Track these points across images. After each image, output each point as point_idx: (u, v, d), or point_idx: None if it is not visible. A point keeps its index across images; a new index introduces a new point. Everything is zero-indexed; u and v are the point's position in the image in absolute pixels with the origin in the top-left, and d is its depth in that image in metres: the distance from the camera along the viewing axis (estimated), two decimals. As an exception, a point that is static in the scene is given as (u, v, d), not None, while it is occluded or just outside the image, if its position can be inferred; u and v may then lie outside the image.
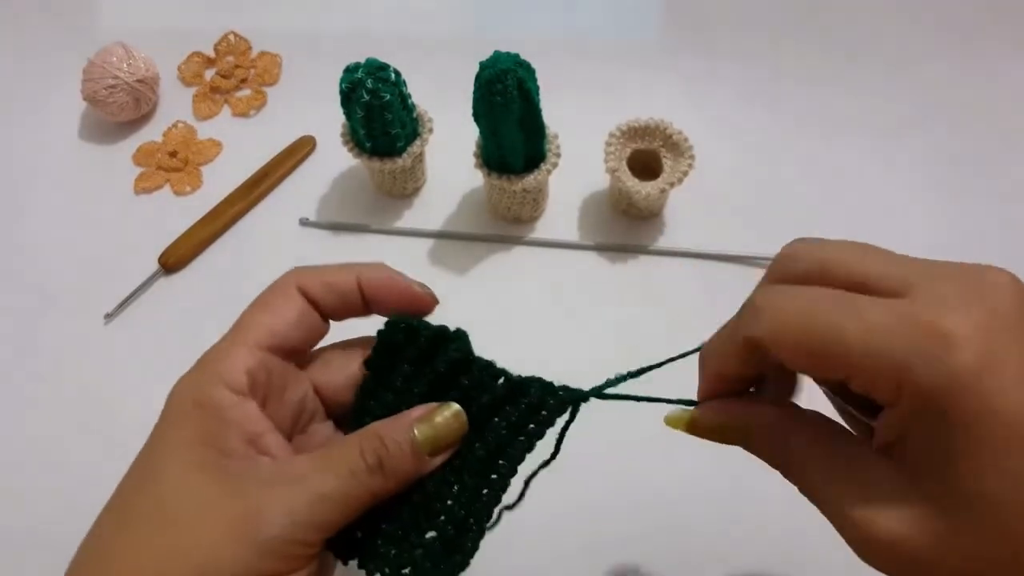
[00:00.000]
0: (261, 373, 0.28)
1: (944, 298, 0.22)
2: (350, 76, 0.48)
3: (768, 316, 0.24)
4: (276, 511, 0.25)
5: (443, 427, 0.28)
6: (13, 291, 0.55)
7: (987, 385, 0.20)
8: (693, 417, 0.28)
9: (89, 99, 0.59)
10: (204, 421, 0.26)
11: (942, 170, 0.58)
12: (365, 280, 0.30)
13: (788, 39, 0.65)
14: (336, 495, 0.26)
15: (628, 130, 0.53)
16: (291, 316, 0.29)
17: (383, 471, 0.26)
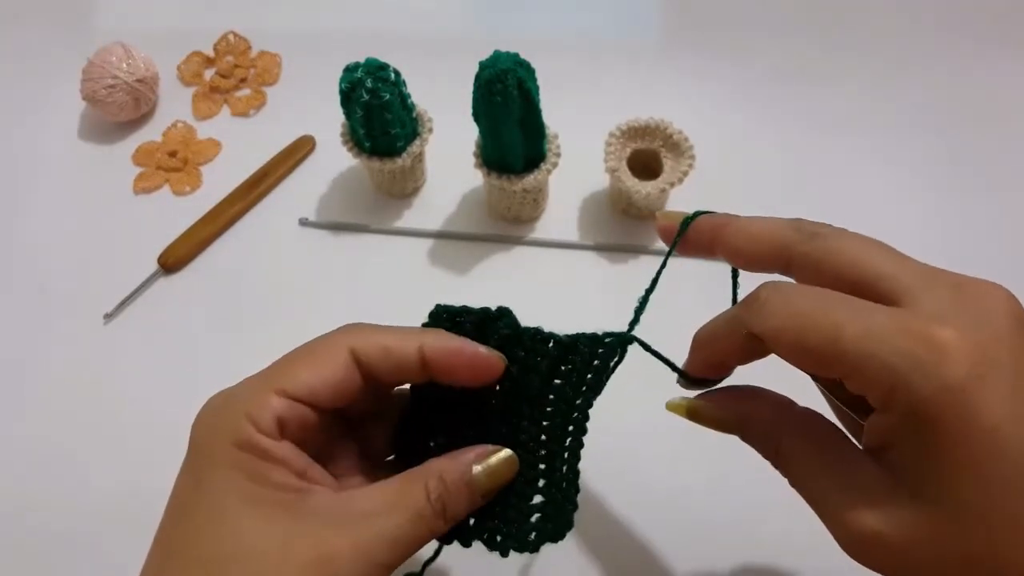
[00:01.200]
0: (292, 421, 0.27)
1: (941, 310, 0.23)
2: (350, 76, 0.48)
3: (770, 312, 0.25)
4: (349, 555, 0.25)
5: (497, 470, 0.29)
6: (12, 291, 0.55)
7: (974, 398, 0.21)
8: (693, 405, 0.29)
9: (88, 99, 0.59)
10: (249, 461, 0.26)
11: (943, 170, 0.58)
12: (429, 349, 0.28)
13: (788, 39, 0.65)
14: (408, 539, 0.26)
15: (628, 130, 0.53)
16: (333, 378, 0.27)
17: (445, 515, 0.27)
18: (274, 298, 0.54)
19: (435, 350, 0.28)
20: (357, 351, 0.28)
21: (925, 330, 0.22)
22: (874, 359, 0.22)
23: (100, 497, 0.48)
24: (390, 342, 0.28)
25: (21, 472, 0.49)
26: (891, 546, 0.22)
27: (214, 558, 0.24)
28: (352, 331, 0.29)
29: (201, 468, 0.27)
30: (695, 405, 0.29)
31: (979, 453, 0.21)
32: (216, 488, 0.26)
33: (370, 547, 0.25)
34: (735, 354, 0.28)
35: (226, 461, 0.26)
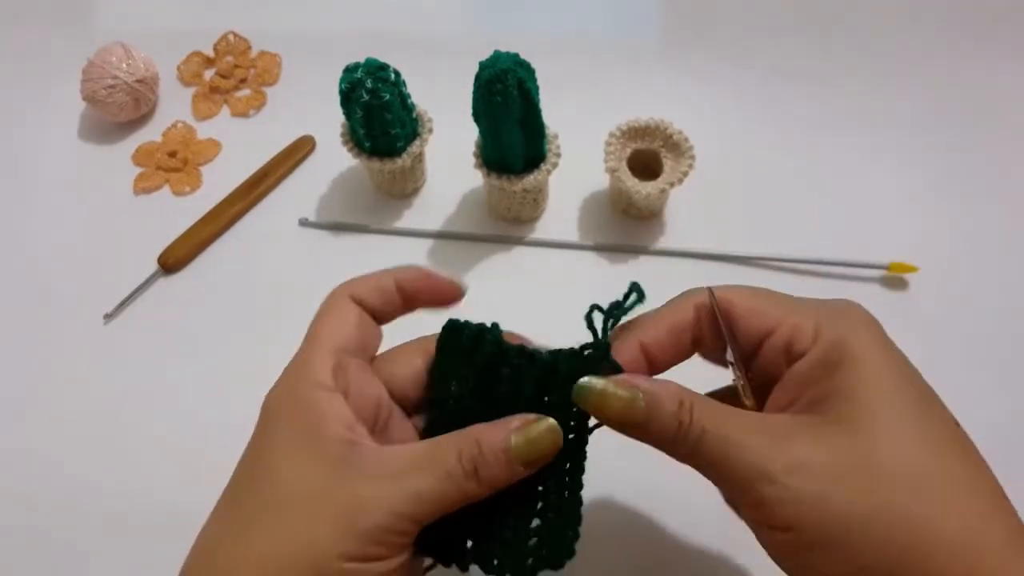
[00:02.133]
0: (340, 373, 0.30)
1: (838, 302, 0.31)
2: (350, 76, 0.48)
3: (721, 289, 0.32)
4: (377, 505, 0.27)
5: (538, 439, 0.29)
6: (13, 291, 0.55)
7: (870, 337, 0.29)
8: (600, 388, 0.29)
9: (88, 99, 0.59)
10: (305, 416, 0.29)
11: (943, 170, 0.58)
12: (400, 280, 0.33)
13: (789, 39, 0.65)
14: (433, 495, 0.27)
15: (628, 130, 0.53)
16: (351, 321, 0.32)
17: (477, 477, 0.28)
18: (274, 298, 0.54)
19: (405, 279, 0.33)
20: (356, 295, 0.32)
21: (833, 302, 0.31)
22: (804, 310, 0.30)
23: (100, 497, 0.48)
24: (374, 282, 0.33)
25: (21, 472, 0.49)
26: (817, 465, 0.26)
27: (265, 505, 0.27)
28: (346, 283, 0.33)
29: (263, 424, 0.30)
30: (602, 387, 0.29)
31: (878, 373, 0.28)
32: (274, 445, 0.29)
33: (397, 500, 0.27)
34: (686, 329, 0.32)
35: (284, 421, 0.29)
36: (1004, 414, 0.48)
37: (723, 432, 0.27)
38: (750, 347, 0.31)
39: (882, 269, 0.53)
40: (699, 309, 0.32)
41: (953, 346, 0.51)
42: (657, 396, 0.28)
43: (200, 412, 0.50)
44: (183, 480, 0.47)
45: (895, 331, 0.30)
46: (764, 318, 0.31)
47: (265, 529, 0.27)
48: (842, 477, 0.26)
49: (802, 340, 0.29)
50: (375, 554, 0.27)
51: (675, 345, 0.32)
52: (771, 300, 0.31)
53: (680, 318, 0.32)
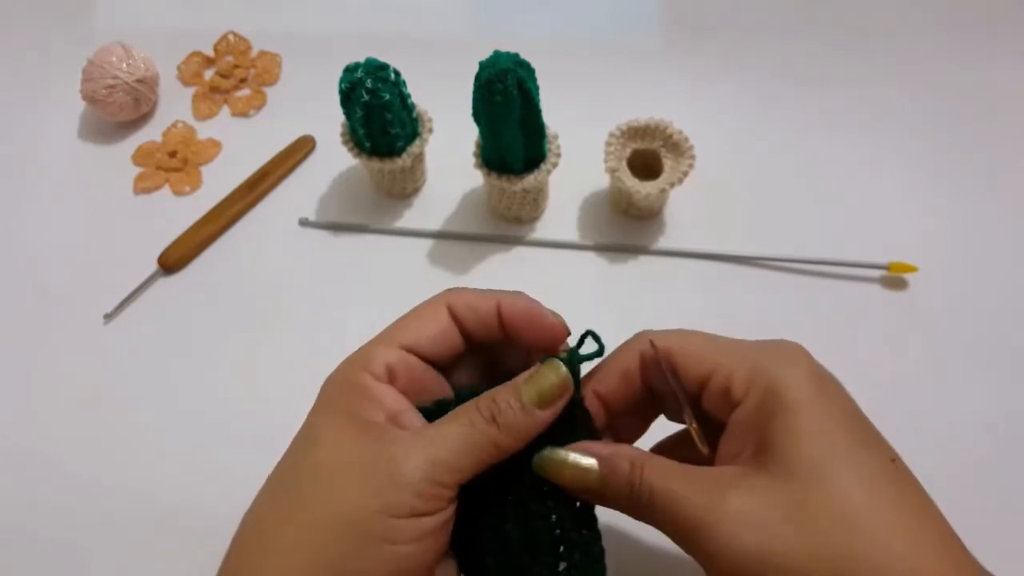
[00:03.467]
0: (401, 368, 0.31)
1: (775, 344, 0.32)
2: (349, 76, 0.48)
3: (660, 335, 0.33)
4: (415, 458, 0.28)
5: (545, 381, 0.30)
6: (12, 291, 0.55)
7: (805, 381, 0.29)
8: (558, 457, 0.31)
9: (88, 99, 0.59)
10: (352, 398, 0.30)
11: (943, 170, 0.58)
12: (504, 306, 0.33)
13: (789, 39, 0.65)
14: (461, 441, 0.29)
15: (628, 130, 0.53)
16: (435, 327, 0.32)
17: (497, 424, 0.29)
18: (274, 298, 0.54)
19: (509, 306, 0.33)
20: (452, 306, 0.33)
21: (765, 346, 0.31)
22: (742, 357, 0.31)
23: (100, 497, 0.48)
24: (475, 299, 0.33)
25: (21, 472, 0.49)
26: (753, 519, 0.27)
27: (308, 479, 0.29)
28: (449, 291, 0.34)
29: (314, 411, 0.31)
30: (561, 457, 0.31)
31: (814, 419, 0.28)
32: (321, 423, 0.30)
33: (432, 451, 0.28)
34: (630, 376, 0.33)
35: (332, 401, 0.31)
36: (1004, 414, 0.48)
37: (668, 487, 0.29)
38: (694, 392, 0.32)
39: (882, 269, 0.53)
40: (644, 355, 0.33)
41: (953, 346, 0.51)
42: (611, 460, 0.30)
43: (200, 412, 0.50)
44: (183, 480, 0.48)
45: (895, 331, 0.30)
46: (701, 364, 0.31)
47: (308, 496, 0.28)
48: (779, 525, 0.27)
49: (737, 387, 0.30)
50: (417, 507, 0.28)
51: (627, 391, 0.34)
52: (706, 345, 0.32)
53: (627, 365, 0.33)
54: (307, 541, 0.27)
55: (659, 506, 0.29)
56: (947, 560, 0.26)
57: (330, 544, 0.27)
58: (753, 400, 0.30)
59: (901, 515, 0.27)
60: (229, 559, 0.29)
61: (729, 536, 0.27)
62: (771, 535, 0.26)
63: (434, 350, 0.32)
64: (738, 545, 0.27)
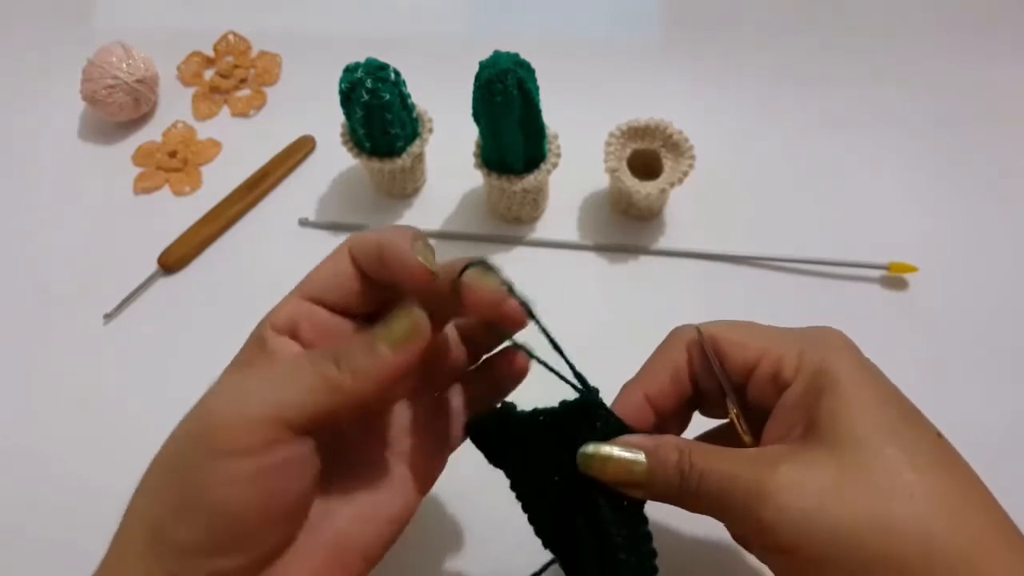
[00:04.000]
0: (304, 320, 0.31)
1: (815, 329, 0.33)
2: (349, 76, 0.48)
3: (704, 326, 0.33)
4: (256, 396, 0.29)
5: (397, 324, 0.30)
6: (12, 291, 0.55)
7: (850, 361, 0.30)
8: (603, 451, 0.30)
9: (88, 99, 0.59)
10: (250, 350, 0.32)
11: (943, 170, 0.58)
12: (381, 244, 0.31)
13: (789, 39, 0.65)
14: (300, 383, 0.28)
15: (628, 130, 0.53)
16: (333, 272, 0.32)
17: (338, 364, 0.28)
18: (274, 298, 0.53)
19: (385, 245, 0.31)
20: (353, 249, 0.32)
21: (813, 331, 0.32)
22: (787, 343, 0.31)
23: (100, 497, 0.47)
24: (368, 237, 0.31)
25: (21, 472, 0.49)
26: (807, 489, 0.27)
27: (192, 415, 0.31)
28: (352, 236, 0.33)
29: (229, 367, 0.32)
30: (606, 452, 0.30)
31: (862, 398, 0.29)
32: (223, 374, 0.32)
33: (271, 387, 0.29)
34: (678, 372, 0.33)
35: (247, 349, 0.32)
36: (1004, 413, 0.48)
37: (719, 467, 0.29)
38: (739, 381, 0.32)
39: (882, 269, 0.53)
40: (690, 348, 0.33)
41: (953, 346, 0.51)
42: (658, 451, 0.30)
43: (200, 412, 0.50)
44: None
45: (895, 331, 0.30)
46: (749, 350, 0.32)
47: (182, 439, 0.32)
48: (832, 494, 0.27)
49: (787, 369, 0.31)
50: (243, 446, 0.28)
51: (676, 389, 0.33)
52: (753, 333, 0.33)
53: (676, 361, 0.33)
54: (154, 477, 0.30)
55: (711, 488, 0.28)
56: (992, 530, 0.27)
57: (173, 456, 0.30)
58: (803, 381, 0.30)
59: (948, 488, 0.27)
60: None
61: (782, 506, 0.27)
62: (824, 503, 0.26)
63: (336, 296, 0.32)
64: (791, 515, 0.27)
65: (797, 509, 0.27)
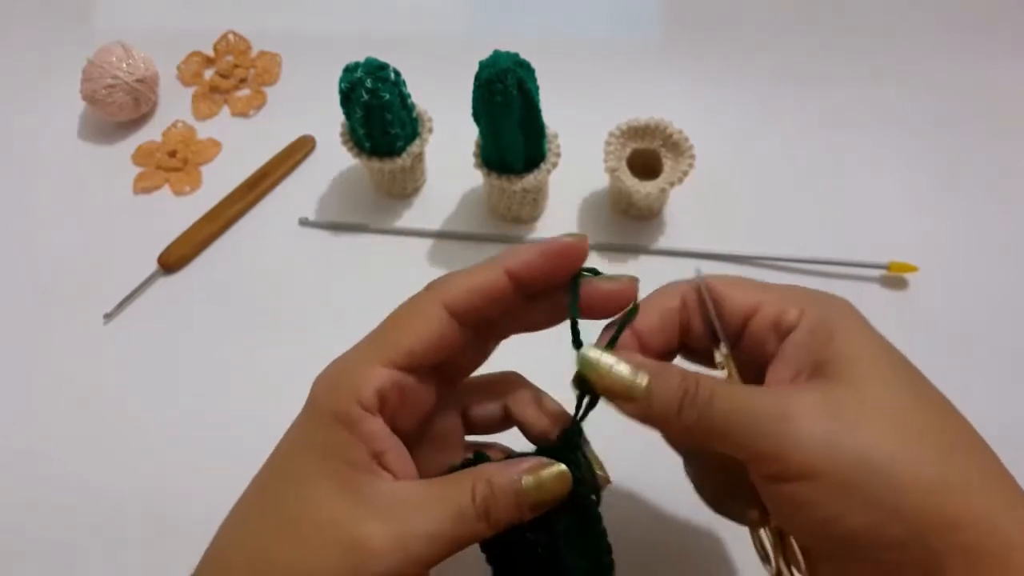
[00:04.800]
0: (393, 392, 0.29)
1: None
2: (349, 76, 0.48)
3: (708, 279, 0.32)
4: (387, 546, 0.26)
5: (548, 482, 0.29)
6: (12, 291, 0.55)
7: (855, 317, 0.30)
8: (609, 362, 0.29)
9: (88, 99, 0.59)
10: (337, 433, 0.28)
11: (943, 170, 0.58)
12: (512, 266, 0.30)
13: (788, 39, 0.65)
14: (443, 536, 0.27)
15: (628, 130, 0.53)
16: (433, 336, 0.30)
17: (488, 518, 0.28)
18: (274, 298, 0.54)
19: (520, 263, 0.30)
20: (449, 304, 0.30)
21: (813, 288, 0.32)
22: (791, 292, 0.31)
23: (100, 497, 0.48)
24: (476, 282, 0.30)
25: (21, 472, 0.49)
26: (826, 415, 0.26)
27: (280, 518, 0.28)
28: (440, 286, 0.31)
29: (301, 431, 0.30)
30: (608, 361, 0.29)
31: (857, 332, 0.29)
32: (304, 452, 0.29)
33: (407, 539, 0.27)
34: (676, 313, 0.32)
35: (320, 428, 0.29)
36: (1004, 414, 0.48)
37: (732, 392, 0.28)
38: (734, 329, 0.31)
39: (882, 269, 0.53)
40: (684, 294, 0.32)
41: (953, 346, 0.51)
42: (663, 370, 0.29)
43: (200, 411, 0.50)
44: (183, 480, 0.48)
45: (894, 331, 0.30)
46: (749, 297, 0.31)
47: (281, 546, 0.27)
48: (859, 423, 0.26)
49: (789, 316, 0.30)
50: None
51: (664, 332, 0.32)
52: (754, 284, 0.32)
53: (667, 305, 0.32)
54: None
55: (720, 409, 0.27)
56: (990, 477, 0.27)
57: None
58: (808, 324, 0.29)
59: (964, 438, 0.27)
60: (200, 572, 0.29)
61: (809, 429, 0.26)
62: (851, 429, 0.26)
63: (431, 358, 0.30)
64: (818, 438, 0.26)
65: (824, 432, 0.26)
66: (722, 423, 0.27)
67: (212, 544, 0.29)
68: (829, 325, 0.29)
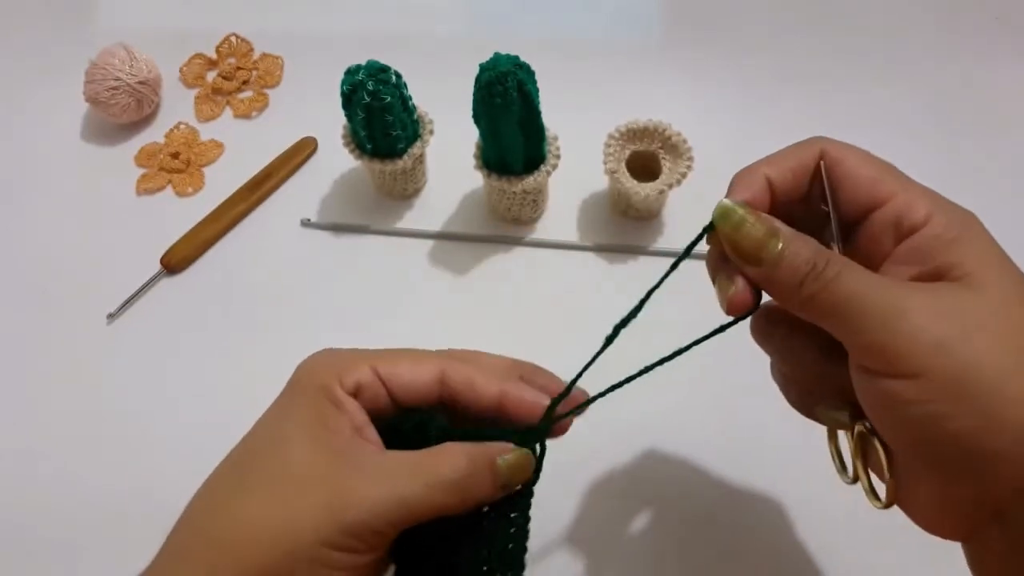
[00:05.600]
0: (368, 392, 0.31)
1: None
2: (351, 78, 0.48)
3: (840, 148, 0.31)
4: (363, 502, 0.28)
5: (517, 464, 0.30)
6: (16, 291, 0.56)
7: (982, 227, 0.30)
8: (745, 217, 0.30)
9: (91, 101, 0.60)
10: (323, 403, 0.30)
11: (943, 170, 0.58)
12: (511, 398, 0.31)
13: (788, 39, 0.65)
14: (416, 502, 0.28)
15: (627, 132, 0.53)
16: (420, 384, 0.31)
17: (463, 492, 0.29)
18: (276, 298, 0.55)
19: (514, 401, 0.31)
20: (448, 377, 0.32)
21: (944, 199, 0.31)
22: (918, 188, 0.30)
23: (101, 497, 0.48)
24: (477, 380, 0.32)
25: (22, 472, 0.49)
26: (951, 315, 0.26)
27: (275, 477, 0.29)
28: (446, 358, 0.32)
29: (283, 402, 0.31)
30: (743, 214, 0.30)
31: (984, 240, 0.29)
32: (289, 419, 0.30)
33: (380, 501, 0.28)
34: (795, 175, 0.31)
35: (303, 400, 0.30)
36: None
37: (857, 277, 0.27)
38: (856, 214, 0.31)
39: (881, 269, 0.53)
40: (823, 156, 0.31)
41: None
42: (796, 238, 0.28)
43: (202, 412, 0.50)
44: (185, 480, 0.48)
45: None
46: (879, 186, 0.30)
47: (263, 499, 0.28)
48: (970, 328, 0.25)
49: (914, 217, 0.29)
50: (350, 546, 0.28)
51: (795, 186, 0.31)
52: (887, 171, 0.31)
53: (803, 159, 0.31)
54: (252, 547, 0.27)
55: (842, 291, 0.27)
56: None
57: (276, 557, 0.27)
58: (934, 227, 0.28)
59: None
60: (173, 537, 0.30)
61: (922, 326, 0.25)
62: (967, 335, 0.25)
63: (404, 398, 0.32)
64: (930, 336, 0.25)
65: (940, 333, 0.25)
66: (841, 306, 0.27)
67: (188, 508, 0.30)
68: (955, 231, 0.28)
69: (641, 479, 0.47)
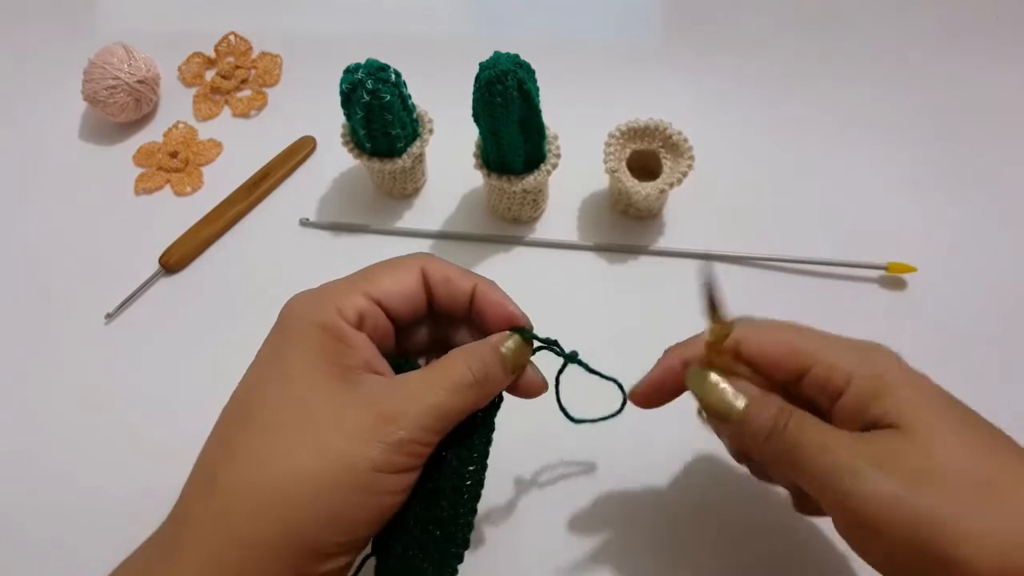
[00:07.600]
0: (369, 318, 0.32)
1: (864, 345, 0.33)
2: (350, 77, 0.48)
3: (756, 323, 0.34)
4: (404, 420, 0.29)
5: (517, 348, 0.33)
6: (14, 291, 0.55)
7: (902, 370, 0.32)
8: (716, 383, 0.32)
9: (90, 100, 0.60)
10: (328, 340, 0.30)
11: (943, 170, 0.58)
12: (479, 292, 0.34)
13: (788, 39, 0.65)
14: (448, 407, 0.30)
15: (628, 131, 0.53)
16: (407, 288, 0.33)
17: (483, 385, 0.31)
18: (275, 298, 0.54)
19: (483, 294, 0.34)
20: (427, 272, 0.34)
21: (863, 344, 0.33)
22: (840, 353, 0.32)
23: (101, 497, 0.48)
24: (453, 274, 0.34)
25: (22, 472, 0.49)
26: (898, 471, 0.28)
27: (276, 423, 0.29)
28: (426, 256, 0.34)
29: (282, 344, 0.31)
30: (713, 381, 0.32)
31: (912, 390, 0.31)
32: (292, 361, 0.30)
33: (424, 414, 0.29)
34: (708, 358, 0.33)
35: (306, 339, 0.31)
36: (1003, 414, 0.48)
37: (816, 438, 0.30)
38: (791, 380, 0.33)
39: (881, 269, 0.53)
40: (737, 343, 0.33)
41: (952, 346, 0.51)
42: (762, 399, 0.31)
43: (202, 411, 0.50)
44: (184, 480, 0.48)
45: (894, 331, 0.31)
46: (800, 356, 0.33)
47: (293, 445, 0.28)
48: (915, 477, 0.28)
49: (837, 382, 0.32)
50: (401, 464, 0.29)
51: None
52: (804, 337, 0.33)
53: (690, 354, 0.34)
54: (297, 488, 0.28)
55: (804, 449, 0.30)
56: None
57: (323, 494, 0.28)
58: (858, 385, 0.31)
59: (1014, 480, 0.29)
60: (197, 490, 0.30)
61: (865, 491, 0.28)
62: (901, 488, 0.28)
63: (399, 309, 0.33)
64: (874, 500, 0.28)
65: (887, 489, 0.28)
66: (802, 464, 0.30)
67: (198, 466, 0.31)
68: (878, 384, 0.31)
69: (641, 478, 0.47)
